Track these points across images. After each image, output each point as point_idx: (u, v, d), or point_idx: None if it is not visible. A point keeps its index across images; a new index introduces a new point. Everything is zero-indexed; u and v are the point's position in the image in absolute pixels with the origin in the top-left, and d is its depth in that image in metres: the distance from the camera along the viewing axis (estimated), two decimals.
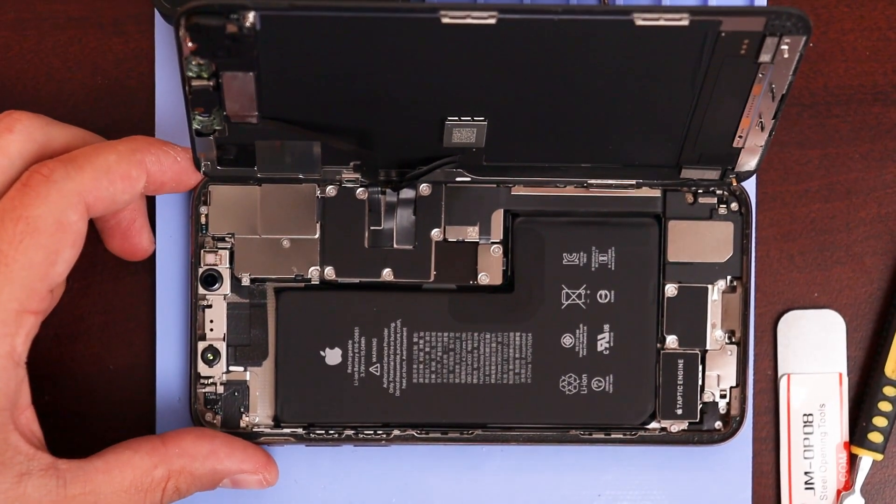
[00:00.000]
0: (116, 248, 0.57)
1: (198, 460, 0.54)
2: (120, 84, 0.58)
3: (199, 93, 0.50)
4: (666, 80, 0.51)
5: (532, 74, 0.50)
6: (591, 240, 0.57)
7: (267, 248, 0.57)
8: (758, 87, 0.51)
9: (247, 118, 0.52)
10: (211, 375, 0.57)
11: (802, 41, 0.49)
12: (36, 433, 0.52)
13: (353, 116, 0.53)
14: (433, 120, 0.53)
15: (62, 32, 0.58)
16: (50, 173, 0.51)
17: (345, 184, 0.57)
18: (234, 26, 0.47)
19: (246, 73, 0.49)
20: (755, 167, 0.56)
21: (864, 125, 0.59)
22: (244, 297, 0.57)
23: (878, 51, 0.59)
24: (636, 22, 0.47)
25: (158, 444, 0.53)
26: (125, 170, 0.52)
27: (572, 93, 0.52)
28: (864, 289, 0.59)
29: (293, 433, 0.57)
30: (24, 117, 0.52)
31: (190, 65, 0.49)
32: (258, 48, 0.48)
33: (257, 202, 0.56)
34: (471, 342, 0.57)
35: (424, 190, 0.57)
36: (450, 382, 0.57)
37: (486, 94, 0.52)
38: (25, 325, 0.50)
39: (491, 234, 0.57)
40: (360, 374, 0.57)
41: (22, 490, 0.50)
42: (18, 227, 0.50)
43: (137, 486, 0.52)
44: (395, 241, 0.57)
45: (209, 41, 0.48)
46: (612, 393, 0.57)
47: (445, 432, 0.57)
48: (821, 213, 0.59)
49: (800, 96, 0.59)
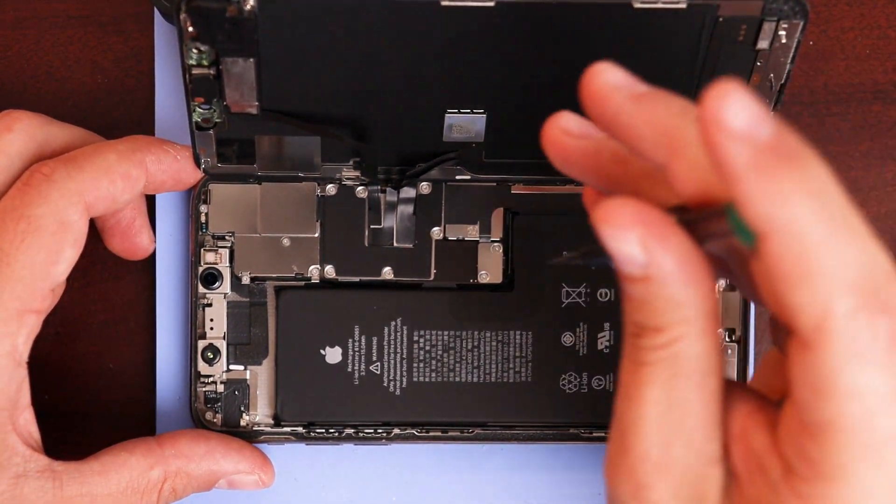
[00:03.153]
0: (116, 248, 0.57)
1: (194, 461, 0.54)
2: (120, 83, 0.58)
3: (199, 81, 0.50)
4: (665, 67, 0.51)
5: (530, 62, 0.51)
6: (591, 238, 0.57)
7: (267, 247, 0.57)
8: (756, 77, 0.51)
9: (247, 108, 0.52)
10: (211, 374, 0.57)
11: (800, 26, 0.49)
12: (34, 434, 0.51)
13: (352, 109, 0.53)
14: (432, 112, 0.53)
15: (62, 31, 0.58)
16: (51, 172, 0.51)
17: (344, 182, 0.57)
18: (235, 9, 0.47)
19: (246, 60, 0.49)
20: None
21: (864, 123, 0.59)
22: (244, 295, 0.57)
23: (878, 49, 0.59)
24: (634, 4, 0.48)
25: (154, 445, 0.53)
26: (125, 169, 0.52)
27: (571, 81, 0.52)
28: None
29: (293, 432, 0.57)
30: (23, 116, 0.52)
31: (190, 52, 0.49)
32: (258, 33, 0.48)
33: (257, 201, 0.56)
34: (471, 341, 0.57)
35: (424, 188, 0.57)
36: (450, 381, 0.57)
37: (485, 83, 0.52)
38: (27, 325, 0.50)
39: (491, 232, 0.57)
40: (360, 372, 0.57)
41: (19, 492, 0.50)
42: (20, 226, 0.50)
43: (134, 487, 0.52)
44: (396, 239, 0.57)
45: (209, 25, 0.48)
46: (612, 391, 0.57)
47: (446, 431, 0.57)
48: None
49: (799, 95, 0.59)
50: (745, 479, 0.41)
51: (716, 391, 0.41)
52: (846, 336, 0.37)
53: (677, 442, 0.41)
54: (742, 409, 0.42)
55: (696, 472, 0.41)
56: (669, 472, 0.41)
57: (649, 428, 0.41)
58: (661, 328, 0.41)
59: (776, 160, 0.36)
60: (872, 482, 0.38)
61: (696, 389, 0.41)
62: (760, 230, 0.37)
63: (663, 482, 0.41)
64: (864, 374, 0.37)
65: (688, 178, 0.40)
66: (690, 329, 0.40)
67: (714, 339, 0.41)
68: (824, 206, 0.37)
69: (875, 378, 0.37)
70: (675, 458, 0.41)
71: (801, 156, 0.37)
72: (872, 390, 0.37)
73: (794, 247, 0.37)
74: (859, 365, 0.37)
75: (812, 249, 0.37)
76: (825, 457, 0.38)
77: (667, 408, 0.41)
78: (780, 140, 0.37)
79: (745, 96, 0.36)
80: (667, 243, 0.40)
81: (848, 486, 0.38)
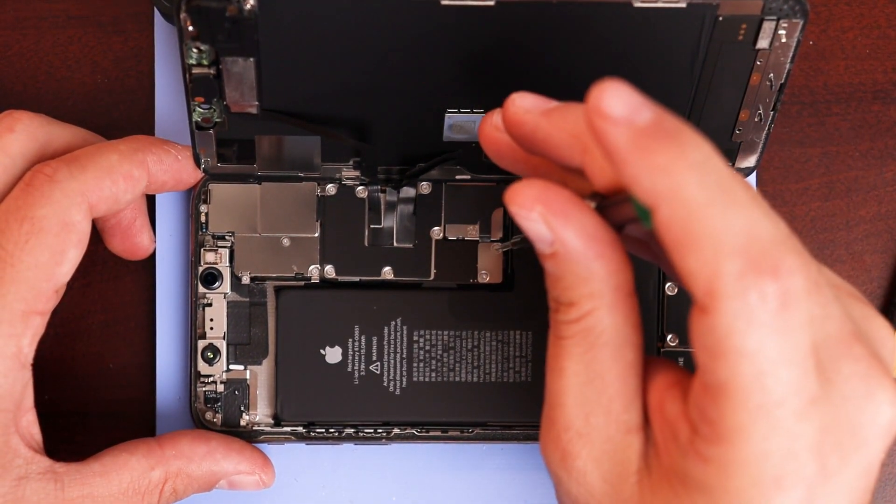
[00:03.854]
0: (117, 248, 0.57)
1: (194, 462, 0.54)
2: (120, 83, 0.58)
3: (199, 81, 0.50)
4: (665, 67, 0.51)
5: (530, 61, 0.51)
6: None
7: (267, 247, 0.57)
8: (756, 77, 0.51)
9: (247, 108, 0.52)
10: (211, 374, 0.57)
11: (800, 26, 0.49)
12: (35, 436, 0.51)
13: (352, 108, 0.53)
14: (432, 112, 0.53)
15: (62, 31, 0.58)
16: (53, 173, 0.51)
17: (344, 182, 0.57)
18: (235, 9, 0.47)
19: (246, 59, 0.49)
20: (755, 164, 0.56)
21: (864, 123, 0.60)
22: (244, 295, 0.57)
23: (878, 49, 0.59)
24: (634, 4, 0.48)
25: (155, 446, 0.53)
26: (127, 170, 0.52)
27: (571, 82, 0.52)
28: (865, 287, 0.60)
29: (293, 432, 0.57)
30: (24, 117, 0.52)
31: (190, 51, 0.49)
32: (258, 33, 0.48)
33: (257, 201, 0.56)
34: (471, 340, 0.57)
35: (424, 188, 0.57)
36: (450, 381, 0.57)
37: (485, 84, 0.52)
38: (32, 326, 0.50)
39: (491, 232, 0.57)
40: (360, 372, 0.57)
41: (21, 494, 0.50)
42: (24, 227, 0.50)
43: (135, 488, 0.52)
44: (395, 239, 0.57)
45: (210, 25, 0.48)
46: None
47: (446, 431, 0.57)
48: (821, 211, 0.60)
49: (800, 94, 0.59)
50: (661, 446, 0.43)
51: (633, 363, 0.43)
52: (735, 298, 0.39)
53: (597, 412, 0.43)
54: (661, 382, 0.44)
55: (616, 441, 0.43)
56: (590, 440, 0.43)
57: (571, 399, 0.44)
58: (572, 302, 0.43)
59: (654, 138, 0.39)
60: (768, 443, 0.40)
61: (611, 361, 0.43)
62: (649, 204, 0.39)
63: (586, 450, 0.43)
64: (754, 335, 0.39)
65: (600, 173, 0.43)
66: (601, 303, 0.43)
67: (627, 313, 0.43)
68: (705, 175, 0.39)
69: (765, 340, 0.39)
70: (596, 427, 0.43)
71: (679, 133, 0.39)
72: (763, 352, 0.39)
73: (678, 214, 0.39)
74: (750, 326, 0.39)
75: (696, 216, 0.39)
76: (722, 418, 0.40)
77: (586, 379, 0.43)
78: (658, 122, 0.39)
79: (624, 87, 0.39)
80: (569, 220, 0.42)
81: (744, 447, 0.40)
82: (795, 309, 0.39)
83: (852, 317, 0.42)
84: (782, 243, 0.39)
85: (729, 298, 0.39)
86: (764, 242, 0.39)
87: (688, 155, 0.39)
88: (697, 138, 0.39)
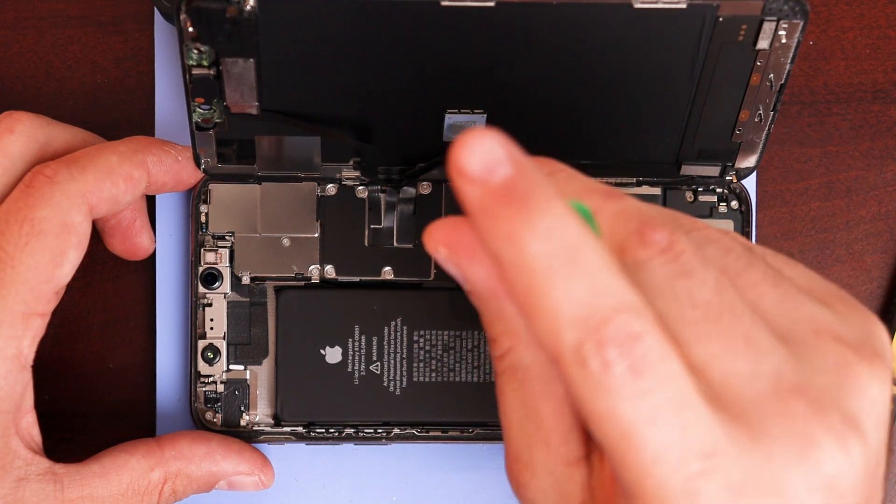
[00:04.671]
0: (117, 248, 0.57)
1: (194, 462, 0.54)
2: (120, 83, 0.58)
3: (199, 81, 0.50)
4: (665, 68, 0.51)
5: (531, 63, 0.51)
6: None
7: (267, 247, 0.57)
8: (756, 77, 0.51)
9: (247, 109, 0.52)
10: (211, 374, 0.57)
11: (800, 26, 0.49)
12: (35, 437, 0.51)
13: (352, 109, 0.53)
14: (432, 113, 0.53)
15: (61, 31, 0.58)
16: (53, 174, 0.51)
17: (344, 182, 0.57)
18: (235, 10, 0.47)
19: (246, 60, 0.49)
20: (755, 164, 0.56)
21: (864, 123, 0.60)
22: (244, 295, 0.57)
23: (878, 49, 0.59)
24: (634, 4, 0.48)
25: (154, 446, 0.53)
26: (127, 171, 0.52)
27: (571, 83, 0.52)
28: (864, 287, 0.60)
29: (293, 432, 0.57)
30: (24, 118, 0.52)
31: (190, 52, 0.49)
32: (259, 34, 0.48)
33: (257, 201, 0.56)
34: (471, 340, 0.57)
35: (425, 188, 0.57)
36: (450, 381, 0.57)
37: (485, 83, 0.52)
38: (32, 328, 0.50)
39: None
40: (360, 372, 0.57)
41: (20, 495, 0.50)
42: (24, 228, 0.50)
43: (134, 489, 0.52)
44: (396, 239, 0.57)
45: (210, 26, 0.48)
46: None
47: (446, 431, 0.57)
48: (821, 211, 0.60)
49: (800, 94, 0.59)
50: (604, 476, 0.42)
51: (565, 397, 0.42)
52: (575, 366, 0.37)
53: (537, 445, 0.43)
54: None
55: (558, 473, 0.43)
56: (535, 473, 0.43)
57: (514, 433, 0.43)
58: (494, 339, 0.43)
59: (503, 202, 0.37)
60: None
61: (542, 396, 0.42)
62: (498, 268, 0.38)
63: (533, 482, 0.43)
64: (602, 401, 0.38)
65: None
66: (517, 341, 0.42)
67: None
68: (549, 244, 0.37)
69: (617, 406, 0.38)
70: (538, 459, 0.43)
71: (532, 197, 0.38)
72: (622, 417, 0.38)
73: (521, 284, 0.38)
74: (597, 393, 0.38)
75: (537, 286, 0.37)
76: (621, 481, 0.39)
77: (524, 414, 0.43)
78: (512, 182, 0.37)
79: (488, 140, 0.37)
80: (474, 260, 0.41)
81: None
82: (650, 373, 0.37)
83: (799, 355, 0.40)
84: (631, 308, 0.37)
85: (571, 366, 0.37)
86: (605, 310, 0.37)
87: (535, 222, 0.37)
88: (550, 202, 0.38)
